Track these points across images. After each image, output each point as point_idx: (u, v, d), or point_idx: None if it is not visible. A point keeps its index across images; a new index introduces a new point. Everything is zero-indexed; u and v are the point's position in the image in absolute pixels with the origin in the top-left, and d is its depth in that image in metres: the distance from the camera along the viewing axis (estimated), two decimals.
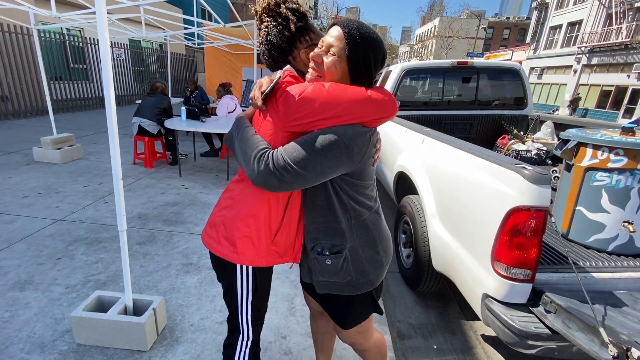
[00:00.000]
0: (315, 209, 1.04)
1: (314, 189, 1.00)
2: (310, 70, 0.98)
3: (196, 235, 2.95)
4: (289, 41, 1.01)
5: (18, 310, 1.94)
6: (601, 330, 1.08)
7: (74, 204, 3.41)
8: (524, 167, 1.35)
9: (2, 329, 1.79)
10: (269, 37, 1.02)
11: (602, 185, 1.61)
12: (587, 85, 20.11)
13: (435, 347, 2.09)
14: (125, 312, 1.76)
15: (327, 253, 1.04)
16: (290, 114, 0.91)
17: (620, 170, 1.55)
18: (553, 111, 21.23)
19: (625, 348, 1.01)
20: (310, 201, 1.04)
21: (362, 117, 0.90)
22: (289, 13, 0.99)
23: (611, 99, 18.48)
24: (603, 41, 18.69)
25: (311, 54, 0.97)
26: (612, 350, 1.04)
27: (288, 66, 1.07)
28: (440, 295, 2.58)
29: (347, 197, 1.01)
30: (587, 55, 19.97)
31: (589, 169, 1.64)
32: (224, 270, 1.11)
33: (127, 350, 1.71)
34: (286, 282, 2.38)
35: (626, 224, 1.58)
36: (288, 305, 2.14)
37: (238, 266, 1.07)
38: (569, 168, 1.76)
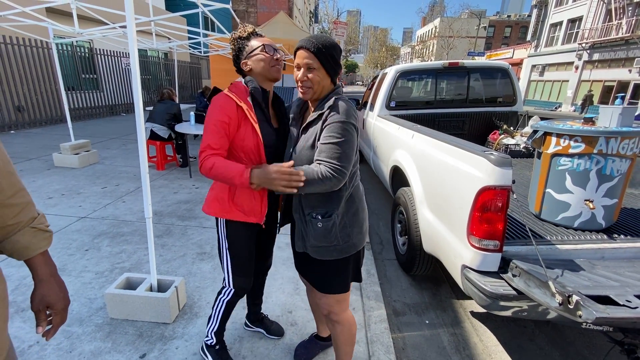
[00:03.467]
0: None
1: None
2: (300, 89, 1.27)
3: (208, 229, 3.21)
4: (236, 58, 1.41)
5: None
6: (550, 283, 1.30)
7: (95, 203, 3.70)
8: (491, 153, 1.58)
9: None
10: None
11: (566, 169, 1.82)
12: (589, 81, 20.15)
13: (427, 322, 2.31)
14: (151, 289, 2.01)
15: (320, 217, 1.25)
16: None
17: (579, 155, 1.76)
18: (555, 108, 21.27)
19: (567, 295, 1.23)
20: None
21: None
22: (232, 45, 1.40)
23: (613, 94, 18.49)
24: (604, 37, 18.75)
25: (297, 78, 1.25)
26: (558, 299, 1.26)
27: (239, 77, 1.43)
28: (433, 278, 2.80)
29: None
30: (588, 51, 20.04)
31: (554, 155, 1.86)
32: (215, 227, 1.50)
33: (153, 323, 1.96)
34: (291, 267, 2.63)
35: (587, 202, 1.79)
36: (293, 286, 2.38)
37: (216, 220, 1.46)
38: (539, 155, 1.98)
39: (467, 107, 4.16)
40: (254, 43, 1.37)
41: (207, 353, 1.67)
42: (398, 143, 2.94)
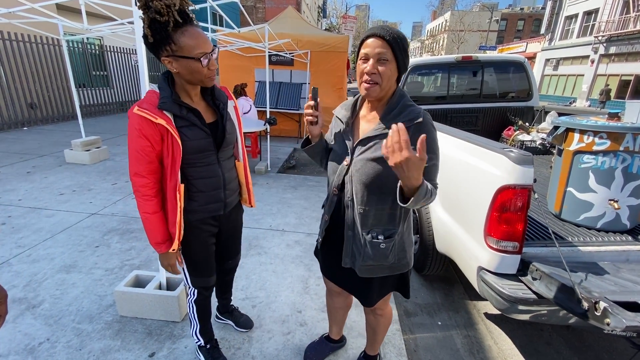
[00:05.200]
0: (386, 198, 1.13)
1: (391, 179, 1.04)
2: (363, 84, 1.08)
3: None
4: (151, 47, 1.10)
5: (67, 289, 2.22)
6: (576, 288, 1.23)
7: (105, 199, 3.72)
8: (510, 150, 1.50)
9: (55, 304, 2.07)
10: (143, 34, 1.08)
11: (589, 167, 1.74)
12: (605, 75, 19.56)
13: (439, 323, 2.26)
14: (160, 288, 2.00)
15: (382, 238, 1.17)
16: None
17: (604, 153, 1.68)
18: (570, 103, 20.72)
19: (594, 302, 1.16)
20: (379, 192, 1.13)
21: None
22: (147, 28, 1.03)
23: (631, 88, 17.95)
24: (620, 30, 18.15)
25: (365, 70, 1.05)
26: (584, 305, 1.19)
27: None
28: (446, 279, 2.73)
29: None
30: (605, 44, 19.42)
31: (577, 152, 1.77)
32: None
33: (162, 321, 1.95)
34: (300, 265, 2.59)
35: (612, 201, 1.70)
36: (303, 285, 2.35)
37: None
38: (560, 152, 1.90)
39: (481, 102, 4.05)
40: (187, 43, 1.07)
41: (199, 353, 1.67)
42: None
